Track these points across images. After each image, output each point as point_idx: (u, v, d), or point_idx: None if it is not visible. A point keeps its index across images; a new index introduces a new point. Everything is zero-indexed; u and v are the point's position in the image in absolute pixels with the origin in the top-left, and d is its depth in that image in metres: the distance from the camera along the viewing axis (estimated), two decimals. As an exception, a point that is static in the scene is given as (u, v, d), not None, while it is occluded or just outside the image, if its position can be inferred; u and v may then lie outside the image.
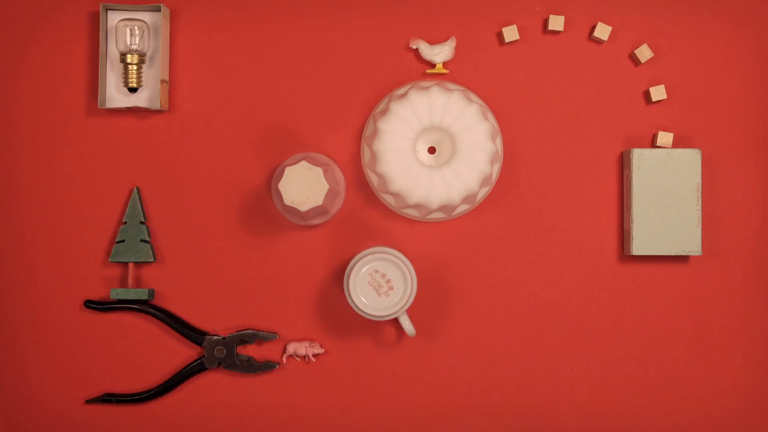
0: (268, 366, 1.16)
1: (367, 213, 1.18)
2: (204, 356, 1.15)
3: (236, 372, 1.17)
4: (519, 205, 1.18)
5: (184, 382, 1.16)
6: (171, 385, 1.16)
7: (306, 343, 1.15)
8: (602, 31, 1.15)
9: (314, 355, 1.15)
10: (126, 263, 1.17)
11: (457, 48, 1.18)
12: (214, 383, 1.18)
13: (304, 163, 1.06)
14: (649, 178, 1.14)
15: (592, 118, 1.18)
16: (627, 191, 1.16)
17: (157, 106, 1.15)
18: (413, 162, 1.11)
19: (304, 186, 1.05)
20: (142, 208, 1.15)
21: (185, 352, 1.18)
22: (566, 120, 1.18)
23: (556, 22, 1.15)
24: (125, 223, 1.15)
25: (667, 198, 1.14)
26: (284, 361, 1.15)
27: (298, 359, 1.16)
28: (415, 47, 1.15)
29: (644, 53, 1.15)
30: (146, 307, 1.15)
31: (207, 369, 1.16)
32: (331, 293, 1.17)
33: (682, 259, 1.18)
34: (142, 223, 1.15)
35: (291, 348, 1.15)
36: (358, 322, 1.18)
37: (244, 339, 1.16)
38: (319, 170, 1.06)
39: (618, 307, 1.18)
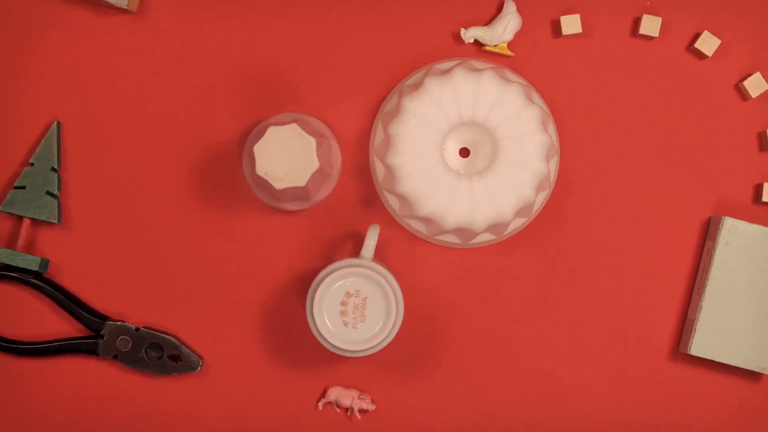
0: (187, 367, 1.11)
1: (360, 213, 1.14)
2: (102, 339, 1.10)
3: (142, 371, 1.11)
4: (559, 251, 1.14)
5: (59, 354, 1.12)
6: (39, 350, 1.12)
7: (354, 393, 1.11)
8: (755, 86, 1.12)
9: (360, 411, 1.11)
10: (21, 217, 1.14)
11: (529, 28, 1.12)
12: (104, 373, 1.13)
13: (294, 126, 1.02)
14: (737, 258, 1.09)
15: (682, 164, 1.14)
16: (704, 270, 1.11)
17: (123, 3, 1.11)
18: (437, 161, 1.05)
19: (287, 156, 1.02)
20: (58, 150, 1.13)
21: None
22: (647, 157, 1.14)
23: (708, 44, 1.13)
24: (32, 164, 1.13)
25: (754, 291, 1.08)
26: (320, 407, 1.11)
27: (338, 410, 1.12)
28: (471, 40, 1.11)
29: None
30: (30, 277, 1.12)
31: (98, 355, 1.11)
32: (291, 307, 1.14)
33: (752, 375, 1.14)
34: (53, 170, 1.12)
35: (333, 394, 1.11)
36: (322, 352, 1.14)
37: (159, 344, 1.12)
38: (311, 141, 1.02)
39: (657, 415, 1.14)
